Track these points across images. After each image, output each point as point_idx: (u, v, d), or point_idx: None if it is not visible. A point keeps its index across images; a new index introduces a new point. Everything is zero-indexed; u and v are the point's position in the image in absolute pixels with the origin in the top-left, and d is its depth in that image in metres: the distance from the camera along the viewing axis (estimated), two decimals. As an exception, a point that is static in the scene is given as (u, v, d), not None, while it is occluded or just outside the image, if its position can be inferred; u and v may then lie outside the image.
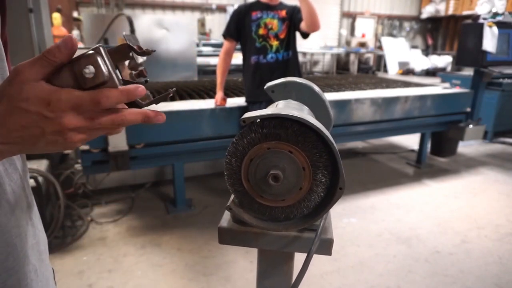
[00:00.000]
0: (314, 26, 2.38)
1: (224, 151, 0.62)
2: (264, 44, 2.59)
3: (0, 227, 0.51)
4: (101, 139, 2.45)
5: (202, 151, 2.89)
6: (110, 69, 0.45)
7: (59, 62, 0.43)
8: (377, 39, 10.99)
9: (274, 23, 2.57)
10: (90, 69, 0.43)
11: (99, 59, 0.44)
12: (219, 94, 2.79)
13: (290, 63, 2.66)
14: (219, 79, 2.76)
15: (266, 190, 0.60)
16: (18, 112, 0.42)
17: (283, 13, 2.60)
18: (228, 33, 2.68)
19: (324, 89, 3.67)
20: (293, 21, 2.58)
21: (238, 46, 2.77)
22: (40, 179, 2.38)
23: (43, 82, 0.42)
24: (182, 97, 3.13)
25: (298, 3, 2.41)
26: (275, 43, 2.58)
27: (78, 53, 0.44)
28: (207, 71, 6.26)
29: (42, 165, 2.56)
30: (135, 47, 0.48)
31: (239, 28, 2.63)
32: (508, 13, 3.82)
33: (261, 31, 2.56)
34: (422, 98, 3.61)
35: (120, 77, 0.47)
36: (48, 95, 0.42)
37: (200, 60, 5.51)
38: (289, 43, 2.64)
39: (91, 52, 0.44)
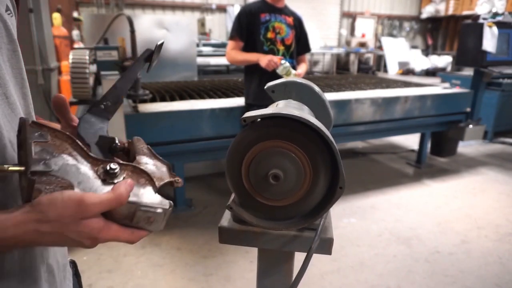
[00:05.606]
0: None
1: (224, 151, 0.63)
2: (272, 48, 2.57)
3: None
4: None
5: (202, 151, 2.89)
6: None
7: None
8: (377, 39, 11.00)
9: (282, 28, 2.56)
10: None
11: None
12: (266, 56, 2.43)
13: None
14: (246, 55, 2.55)
15: (266, 190, 0.60)
16: (68, 237, 0.45)
17: (290, 20, 2.60)
18: (238, 34, 2.56)
19: (324, 89, 3.67)
20: (297, 36, 2.64)
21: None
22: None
23: (100, 218, 0.46)
24: (182, 97, 3.13)
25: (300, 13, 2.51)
26: (281, 48, 2.57)
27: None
28: (207, 71, 6.27)
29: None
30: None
31: (249, 30, 2.56)
32: (508, 13, 3.82)
33: (269, 35, 2.54)
34: (422, 98, 3.61)
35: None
36: (98, 233, 0.46)
37: (200, 60, 5.51)
38: (293, 53, 2.64)
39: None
